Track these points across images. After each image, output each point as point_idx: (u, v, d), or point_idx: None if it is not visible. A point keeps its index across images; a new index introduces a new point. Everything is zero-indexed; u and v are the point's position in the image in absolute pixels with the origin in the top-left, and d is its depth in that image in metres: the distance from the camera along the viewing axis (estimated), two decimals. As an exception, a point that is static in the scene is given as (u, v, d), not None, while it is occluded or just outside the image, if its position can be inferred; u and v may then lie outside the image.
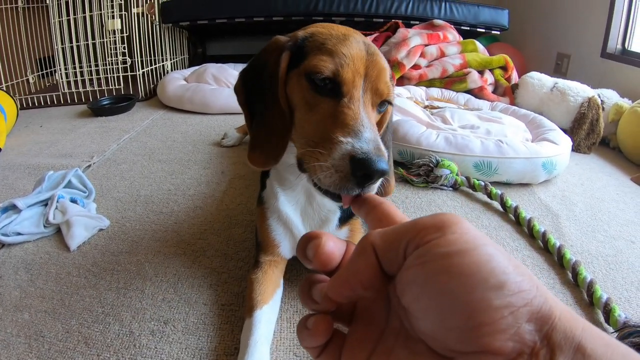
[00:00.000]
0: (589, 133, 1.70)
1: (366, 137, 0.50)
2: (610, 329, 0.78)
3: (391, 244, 0.25)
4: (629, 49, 2.19)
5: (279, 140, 0.63)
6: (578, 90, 1.78)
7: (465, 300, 0.21)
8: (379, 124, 0.66)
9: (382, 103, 0.61)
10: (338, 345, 0.29)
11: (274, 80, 0.62)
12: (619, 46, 2.23)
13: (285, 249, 0.82)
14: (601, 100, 1.74)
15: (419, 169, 1.33)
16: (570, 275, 0.93)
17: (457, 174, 1.30)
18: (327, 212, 0.79)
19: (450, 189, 1.32)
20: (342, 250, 0.30)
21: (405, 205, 1.23)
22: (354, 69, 0.56)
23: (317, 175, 0.50)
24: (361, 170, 0.47)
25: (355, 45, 0.58)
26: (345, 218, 0.81)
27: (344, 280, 0.27)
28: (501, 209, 1.21)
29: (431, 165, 1.31)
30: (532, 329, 0.21)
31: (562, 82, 1.87)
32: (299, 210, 0.79)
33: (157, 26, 2.58)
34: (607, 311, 0.80)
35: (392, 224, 0.30)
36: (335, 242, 0.29)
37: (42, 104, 2.33)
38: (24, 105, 2.28)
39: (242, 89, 0.68)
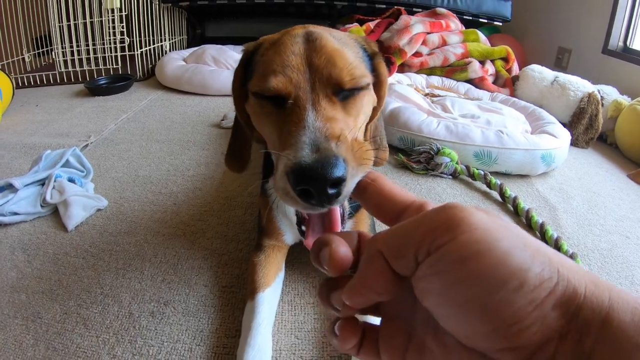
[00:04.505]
0: (588, 128, 1.70)
1: (309, 131, 0.42)
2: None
3: (400, 251, 0.25)
4: (630, 46, 2.19)
5: (242, 151, 0.71)
6: (578, 85, 1.78)
7: (486, 306, 0.21)
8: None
9: (352, 90, 0.51)
10: (374, 340, 0.29)
11: (234, 96, 0.65)
12: (621, 43, 2.23)
13: (289, 238, 0.82)
14: (601, 96, 1.74)
15: (419, 156, 1.33)
16: (567, 266, 0.93)
17: (457, 163, 1.30)
18: None
19: (450, 177, 1.32)
20: (355, 247, 0.29)
21: (404, 192, 1.23)
22: (290, 73, 0.48)
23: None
24: (300, 183, 0.37)
25: (290, 44, 0.52)
26: (351, 213, 0.79)
27: (357, 291, 0.26)
28: (500, 199, 1.21)
29: (432, 152, 1.31)
30: (558, 314, 0.20)
31: (563, 76, 1.87)
32: None
33: (157, 6, 2.53)
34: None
35: (392, 208, 0.30)
36: (346, 247, 0.29)
37: (38, 83, 2.29)
38: (20, 85, 2.24)
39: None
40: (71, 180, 1.13)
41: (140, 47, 2.38)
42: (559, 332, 0.20)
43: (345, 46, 0.53)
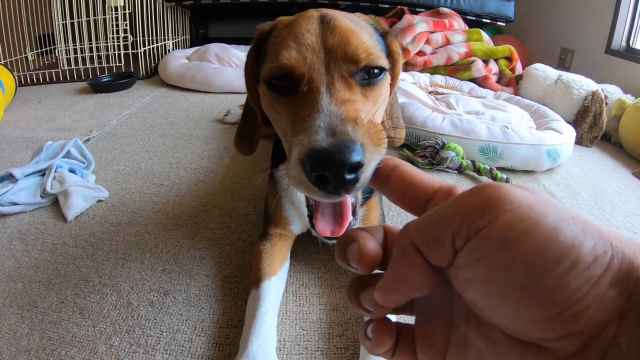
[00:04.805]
0: (592, 126, 1.69)
1: (324, 115, 0.40)
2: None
3: (435, 240, 0.22)
4: (633, 46, 2.18)
5: (251, 135, 0.70)
6: (582, 84, 1.77)
7: (539, 291, 0.19)
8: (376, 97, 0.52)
9: (369, 71, 0.50)
10: (409, 340, 0.27)
11: (246, 77, 0.63)
12: (624, 43, 2.22)
13: (297, 227, 0.80)
14: (604, 95, 1.73)
15: (424, 151, 1.32)
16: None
17: (462, 157, 1.29)
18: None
19: (455, 171, 1.31)
20: (381, 241, 0.27)
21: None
22: (305, 52, 0.47)
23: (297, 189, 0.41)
24: (315, 168, 0.35)
25: (304, 25, 0.51)
26: (362, 200, 0.77)
27: (391, 287, 0.24)
28: (506, 195, 1.20)
29: (437, 147, 1.30)
30: (616, 292, 0.18)
31: (567, 75, 1.86)
32: None
33: (160, 4, 2.53)
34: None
35: (419, 196, 0.27)
36: (375, 242, 0.27)
37: (41, 80, 2.29)
38: (23, 82, 2.23)
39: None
40: (72, 171, 1.12)
41: (144, 46, 2.38)
42: (618, 312, 0.18)
43: (360, 27, 0.53)
